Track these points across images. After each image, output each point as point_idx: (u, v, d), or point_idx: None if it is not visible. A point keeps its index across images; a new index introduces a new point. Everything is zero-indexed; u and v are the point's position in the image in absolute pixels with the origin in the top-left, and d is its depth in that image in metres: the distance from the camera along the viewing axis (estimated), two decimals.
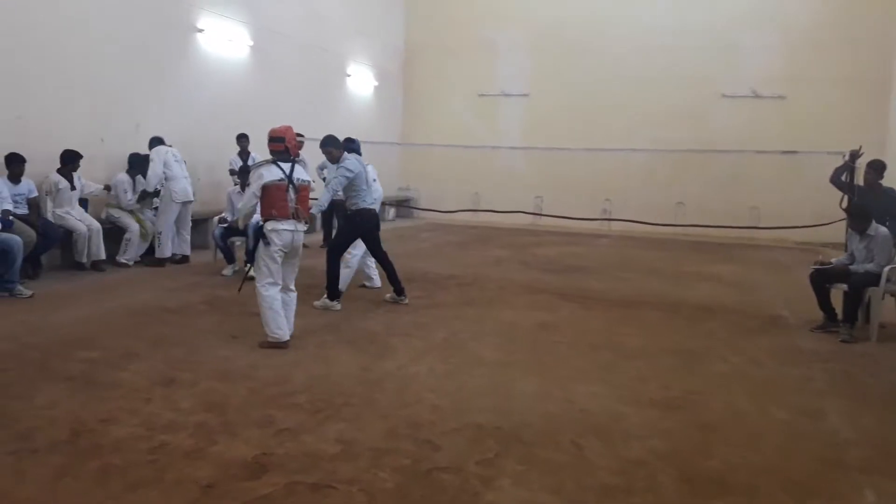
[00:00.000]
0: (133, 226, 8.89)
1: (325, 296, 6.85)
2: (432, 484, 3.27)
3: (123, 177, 8.99)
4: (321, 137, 7.24)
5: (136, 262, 8.97)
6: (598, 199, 15.15)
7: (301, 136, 11.32)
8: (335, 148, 7.04)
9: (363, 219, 6.99)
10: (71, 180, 8.26)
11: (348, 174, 6.78)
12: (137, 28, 9.66)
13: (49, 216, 7.94)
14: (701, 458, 3.67)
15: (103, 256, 8.51)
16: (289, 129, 5.82)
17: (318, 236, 11.79)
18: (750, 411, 4.42)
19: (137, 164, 9.05)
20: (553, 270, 9.86)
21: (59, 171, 8.18)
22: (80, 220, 8.28)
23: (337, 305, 6.83)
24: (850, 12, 14.32)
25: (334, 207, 11.38)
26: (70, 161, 8.21)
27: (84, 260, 8.27)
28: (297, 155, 6.08)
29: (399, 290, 7.15)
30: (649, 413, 4.31)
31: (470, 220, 15.06)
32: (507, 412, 4.21)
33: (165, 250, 9.13)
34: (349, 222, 7.07)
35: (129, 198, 8.97)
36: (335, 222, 11.12)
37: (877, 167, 7.75)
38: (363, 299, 7.36)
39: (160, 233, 9.10)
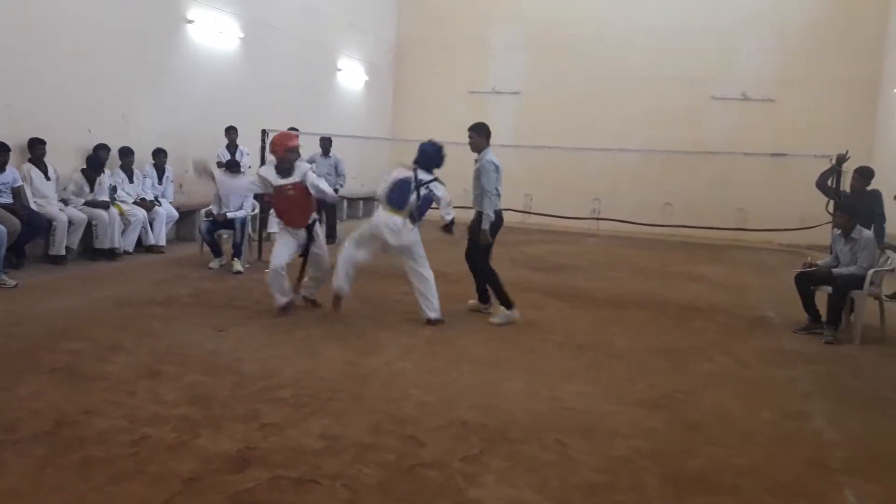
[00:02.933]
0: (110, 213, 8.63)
1: (502, 308, 6.49)
2: (416, 480, 3.26)
3: (79, 177, 8.66)
4: (313, 131, 7.21)
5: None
6: (588, 198, 15.18)
7: (294, 129, 11.30)
8: (480, 136, 6.85)
9: (500, 220, 6.86)
10: (45, 170, 8.15)
11: (494, 170, 6.68)
12: (127, 18, 9.57)
13: (32, 206, 7.84)
14: (685, 458, 3.68)
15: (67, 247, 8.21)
16: (278, 135, 6.46)
17: None
18: (735, 411, 4.44)
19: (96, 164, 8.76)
20: (541, 269, 9.88)
21: (29, 160, 8.07)
22: (62, 211, 8.14)
23: (516, 314, 6.45)
24: (842, 18, 14.43)
25: (323, 202, 11.20)
26: (31, 148, 8.04)
27: (62, 252, 8.02)
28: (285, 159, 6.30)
29: (485, 298, 6.87)
30: (635, 412, 4.32)
31: (458, 217, 15.01)
32: (493, 409, 4.21)
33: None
34: (490, 226, 6.67)
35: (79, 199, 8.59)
36: (324, 217, 11.06)
37: (864, 174, 7.80)
38: (351, 294, 7.33)
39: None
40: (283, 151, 6.27)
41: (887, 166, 11.25)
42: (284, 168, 6.29)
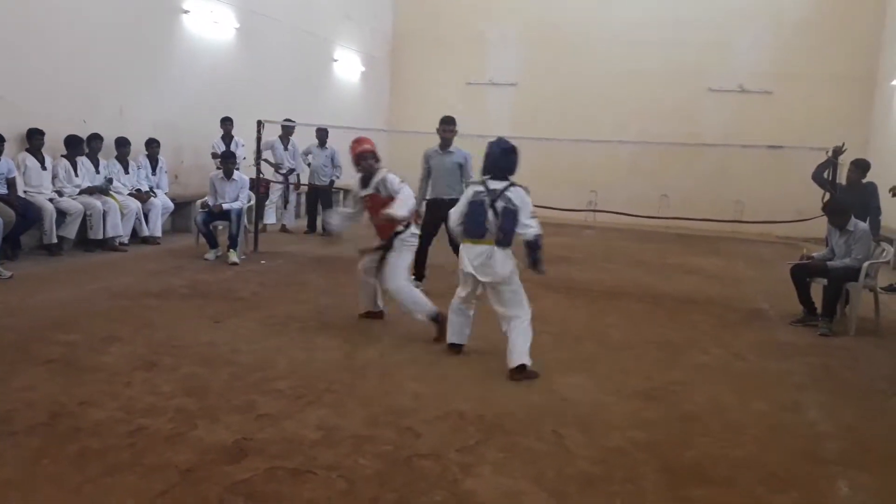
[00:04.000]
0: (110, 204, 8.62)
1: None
2: (412, 470, 3.27)
3: (66, 164, 8.52)
4: (309, 122, 7.19)
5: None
6: (584, 189, 15.13)
7: (290, 121, 11.29)
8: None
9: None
10: (42, 160, 8.12)
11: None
12: (122, 8, 9.50)
13: (21, 193, 7.78)
14: (681, 449, 3.70)
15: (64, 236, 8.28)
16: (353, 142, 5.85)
17: (303, 222, 11.75)
18: (730, 403, 4.46)
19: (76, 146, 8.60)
20: None
21: (27, 150, 8.04)
22: (54, 201, 8.06)
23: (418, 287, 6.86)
24: (839, 11, 14.42)
25: (319, 194, 11.42)
26: (30, 138, 8.02)
27: (54, 240, 7.96)
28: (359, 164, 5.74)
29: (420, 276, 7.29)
30: (631, 404, 4.33)
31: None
32: (490, 401, 4.21)
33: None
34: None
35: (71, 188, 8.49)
36: (320, 209, 11.07)
37: (861, 166, 7.81)
38: (350, 286, 7.33)
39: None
40: (354, 160, 5.75)
41: (883, 159, 11.28)
42: (365, 178, 5.72)
